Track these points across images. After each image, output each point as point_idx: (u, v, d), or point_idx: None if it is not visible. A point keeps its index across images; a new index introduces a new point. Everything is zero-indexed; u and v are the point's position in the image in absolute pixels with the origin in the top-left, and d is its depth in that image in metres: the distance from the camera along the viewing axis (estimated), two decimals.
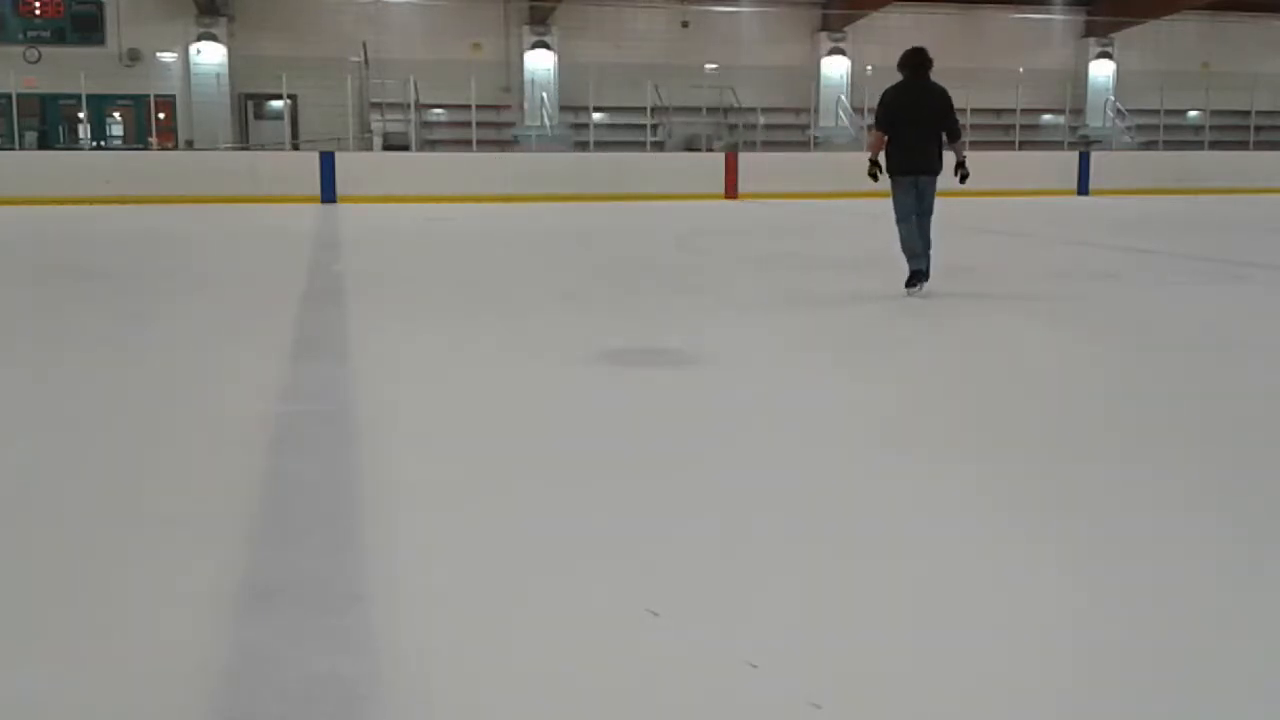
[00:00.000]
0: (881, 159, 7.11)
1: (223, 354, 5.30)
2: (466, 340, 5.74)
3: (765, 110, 24.03)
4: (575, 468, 3.35)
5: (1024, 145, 23.61)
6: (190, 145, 22.26)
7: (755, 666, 2.02)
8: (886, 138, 7.07)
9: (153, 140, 21.81)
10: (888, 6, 24.83)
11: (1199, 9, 26.38)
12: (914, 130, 7.00)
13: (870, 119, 23.41)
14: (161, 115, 22.17)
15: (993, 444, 3.67)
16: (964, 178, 7.09)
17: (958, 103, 7.31)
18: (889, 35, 26.13)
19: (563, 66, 24.40)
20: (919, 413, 4.13)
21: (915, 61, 7.08)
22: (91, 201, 17.12)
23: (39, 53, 22.23)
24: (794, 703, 1.90)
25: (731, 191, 19.95)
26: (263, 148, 22.23)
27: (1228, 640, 2.19)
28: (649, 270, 9.12)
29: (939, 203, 7.23)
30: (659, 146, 22.48)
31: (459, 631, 2.20)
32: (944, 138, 7.15)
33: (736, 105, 23.81)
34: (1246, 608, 2.34)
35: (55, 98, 22.20)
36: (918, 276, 7.00)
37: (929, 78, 7.11)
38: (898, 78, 7.20)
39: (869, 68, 24.51)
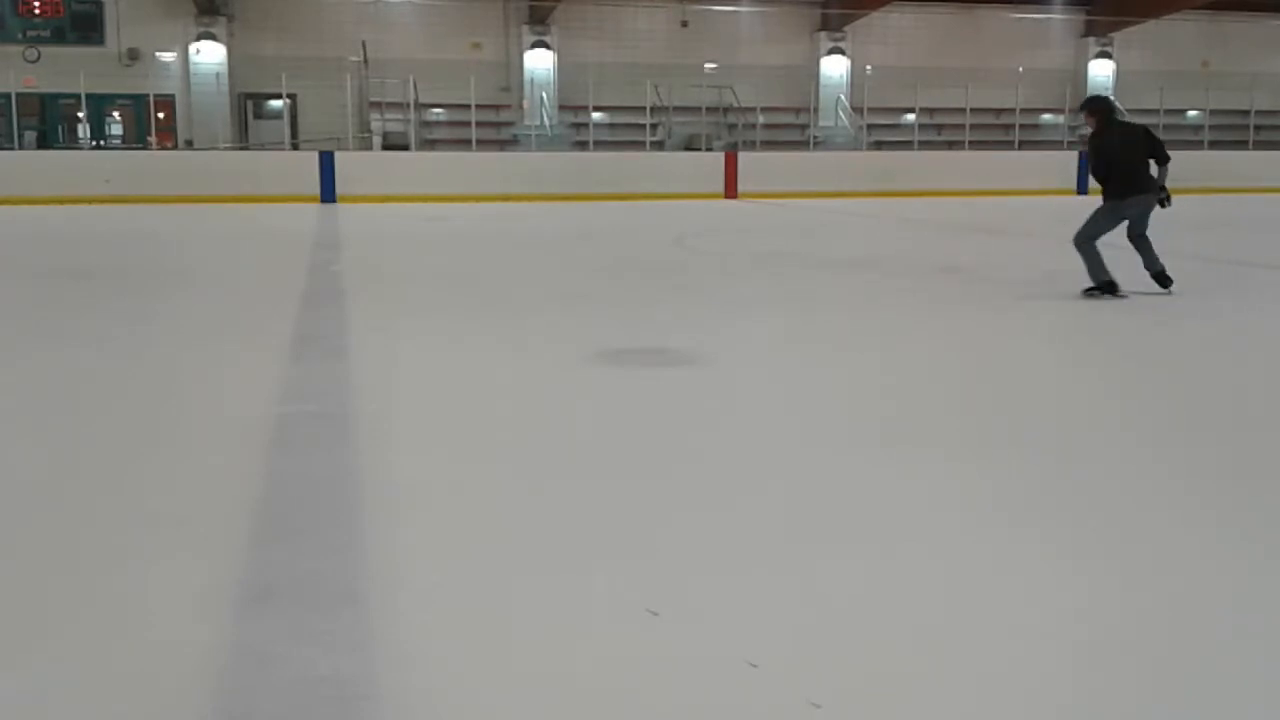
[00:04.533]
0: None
1: (222, 353, 5.30)
2: (466, 339, 5.73)
3: (765, 110, 24.01)
4: (575, 467, 3.35)
5: (1023, 145, 23.59)
6: (190, 145, 22.25)
7: (755, 666, 2.02)
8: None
9: (152, 140, 21.80)
10: (887, 6, 24.80)
11: (1199, 9, 26.38)
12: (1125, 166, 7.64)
13: (868, 118, 23.62)
14: (161, 115, 22.17)
15: (993, 443, 3.67)
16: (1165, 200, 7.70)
17: (957, 102, 7.36)
18: (888, 35, 26.14)
19: (562, 66, 24.40)
20: (918, 412, 4.13)
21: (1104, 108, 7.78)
22: (91, 201, 17.12)
23: (38, 52, 22.22)
24: (794, 703, 1.90)
25: (731, 191, 19.95)
26: (262, 147, 22.23)
27: (1240, 642, 2.19)
28: (649, 270, 9.11)
29: (931, 202, 7.26)
30: (659, 146, 22.46)
31: (459, 631, 2.20)
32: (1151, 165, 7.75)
33: (736, 105, 23.79)
34: (1257, 608, 2.34)
35: (55, 97, 22.20)
36: (1107, 287, 7.33)
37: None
38: (895, 77, 7.26)
39: (868, 67, 24.53)
